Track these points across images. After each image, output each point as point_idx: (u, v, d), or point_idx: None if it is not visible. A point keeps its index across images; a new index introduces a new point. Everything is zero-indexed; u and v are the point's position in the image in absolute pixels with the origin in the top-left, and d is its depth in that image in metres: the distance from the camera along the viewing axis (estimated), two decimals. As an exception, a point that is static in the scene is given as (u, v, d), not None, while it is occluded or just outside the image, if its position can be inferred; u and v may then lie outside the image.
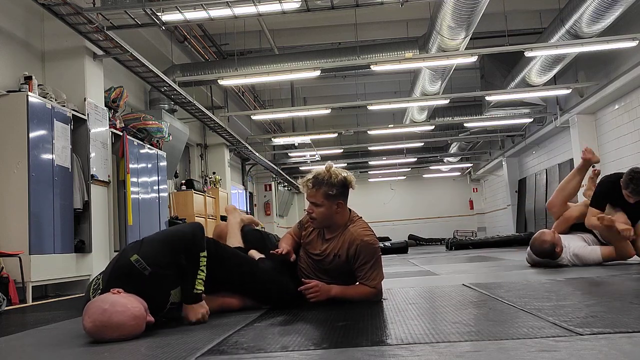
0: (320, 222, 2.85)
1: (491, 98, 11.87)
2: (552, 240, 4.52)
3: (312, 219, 2.85)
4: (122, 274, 2.31)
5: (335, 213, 2.83)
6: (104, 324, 2.12)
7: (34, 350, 2.18)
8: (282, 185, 19.43)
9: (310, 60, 9.09)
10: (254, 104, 13.13)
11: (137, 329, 2.18)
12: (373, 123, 15.50)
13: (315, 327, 2.21)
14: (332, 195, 2.79)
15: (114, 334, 2.13)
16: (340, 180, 2.81)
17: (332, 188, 2.79)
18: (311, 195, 2.82)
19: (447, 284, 3.80)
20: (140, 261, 2.31)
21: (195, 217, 9.65)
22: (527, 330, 1.81)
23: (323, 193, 2.78)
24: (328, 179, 2.79)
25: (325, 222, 2.85)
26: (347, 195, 2.87)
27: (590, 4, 7.12)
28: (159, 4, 6.17)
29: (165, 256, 2.38)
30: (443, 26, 7.48)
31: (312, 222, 2.88)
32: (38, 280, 5.05)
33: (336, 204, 2.81)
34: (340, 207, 2.84)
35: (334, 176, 2.80)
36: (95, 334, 2.14)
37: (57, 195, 5.46)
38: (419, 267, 6.03)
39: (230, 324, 2.37)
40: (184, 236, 2.48)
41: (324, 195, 2.79)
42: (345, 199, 2.86)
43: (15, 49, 5.96)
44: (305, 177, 2.86)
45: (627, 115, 10.36)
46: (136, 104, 9.00)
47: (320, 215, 2.81)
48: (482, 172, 20.93)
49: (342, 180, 2.81)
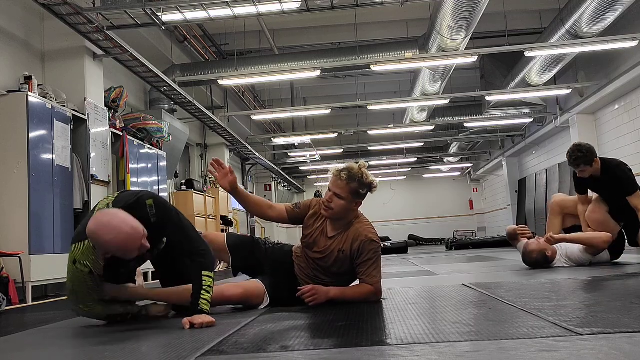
0: (336, 214, 2.87)
1: (491, 98, 11.87)
2: (538, 249, 4.48)
3: (328, 208, 2.87)
4: (130, 207, 2.44)
5: (352, 210, 2.90)
6: (104, 224, 2.30)
7: (34, 350, 2.18)
8: (282, 185, 19.43)
9: (310, 60, 9.09)
10: (254, 104, 13.12)
11: (131, 240, 2.32)
12: (373, 123, 15.50)
13: (315, 327, 2.21)
14: (360, 193, 2.85)
15: (109, 236, 2.28)
16: (369, 182, 2.87)
17: (362, 187, 2.85)
18: (339, 186, 2.84)
19: (447, 284, 3.79)
20: (153, 208, 2.46)
21: (195, 217, 9.64)
22: (527, 330, 1.80)
23: (351, 188, 2.82)
24: (360, 178, 2.83)
25: (341, 215, 2.88)
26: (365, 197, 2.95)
27: (590, 4, 7.12)
28: (159, 4, 6.17)
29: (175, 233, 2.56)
30: (443, 26, 7.48)
31: (327, 211, 2.89)
32: (38, 280, 5.05)
33: (356, 202, 2.88)
34: (357, 206, 2.92)
35: (365, 177, 2.86)
36: (94, 234, 2.31)
37: (57, 195, 5.46)
38: (419, 267, 6.03)
39: (230, 324, 2.37)
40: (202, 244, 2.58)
41: (351, 191, 2.83)
42: (363, 200, 2.93)
43: (15, 49, 5.96)
44: (337, 168, 2.90)
45: (627, 115, 10.36)
46: (136, 104, 9.00)
47: (339, 207, 2.84)
48: (482, 172, 20.92)
49: (370, 183, 2.88)
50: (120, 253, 2.37)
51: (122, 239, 2.30)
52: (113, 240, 2.29)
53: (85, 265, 2.45)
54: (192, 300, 2.44)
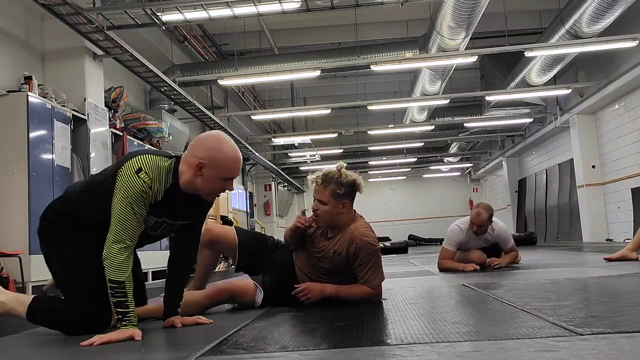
0: (325, 221, 2.85)
1: (491, 98, 11.87)
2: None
3: (316, 216, 2.86)
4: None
5: (340, 213, 2.83)
6: (226, 139, 2.26)
7: (33, 350, 2.18)
8: (282, 185, 19.42)
9: (310, 60, 9.09)
10: (254, 104, 13.13)
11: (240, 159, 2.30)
12: (373, 123, 15.50)
13: (315, 327, 2.21)
14: (339, 194, 2.79)
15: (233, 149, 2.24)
16: (349, 181, 2.82)
17: (340, 187, 2.80)
18: (318, 192, 2.82)
19: (447, 284, 3.79)
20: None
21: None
22: (527, 330, 1.80)
23: (330, 191, 2.79)
24: (337, 178, 2.80)
25: (329, 221, 2.85)
26: (353, 196, 2.88)
27: (590, 4, 7.12)
28: (159, 4, 6.18)
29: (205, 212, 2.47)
30: (443, 26, 7.48)
31: (316, 220, 2.88)
32: (38, 280, 5.05)
33: (342, 203, 2.81)
34: (346, 207, 2.84)
35: (344, 176, 2.81)
36: (220, 144, 2.22)
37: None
38: (419, 267, 6.03)
39: (230, 324, 2.37)
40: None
41: (331, 194, 2.79)
42: (351, 200, 2.87)
43: (15, 49, 5.96)
44: (315, 173, 2.88)
45: (627, 115, 10.36)
46: (136, 104, 9.00)
47: (325, 213, 2.81)
48: (482, 172, 20.92)
49: (351, 182, 2.83)
50: (236, 171, 2.25)
51: (230, 149, 2.22)
52: (236, 153, 2.23)
53: (151, 179, 2.17)
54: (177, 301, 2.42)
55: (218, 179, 2.22)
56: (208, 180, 2.21)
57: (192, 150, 2.26)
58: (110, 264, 2.13)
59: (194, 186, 2.23)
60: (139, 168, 2.18)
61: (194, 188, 2.24)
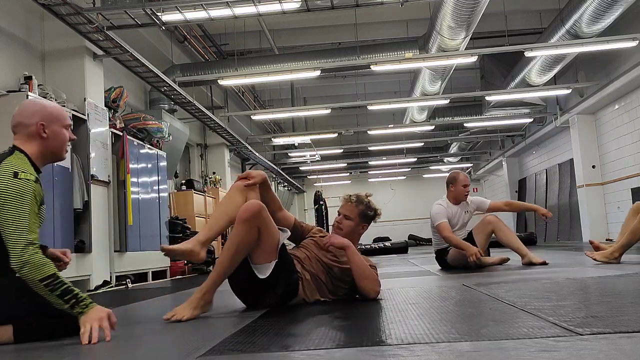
0: (345, 235, 3.07)
1: (491, 98, 11.87)
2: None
3: (339, 229, 3.11)
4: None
5: (359, 233, 3.14)
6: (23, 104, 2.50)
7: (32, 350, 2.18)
8: (282, 185, 19.42)
9: (310, 60, 9.09)
10: (254, 104, 13.13)
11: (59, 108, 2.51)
12: (373, 123, 15.51)
13: (315, 327, 2.21)
14: (365, 216, 3.10)
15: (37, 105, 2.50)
16: (374, 208, 3.15)
17: (368, 209, 3.13)
18: (348, 209, 3.11)
19: (447, 284, 3.80)
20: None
21: (195, 217, 9.65)
22: (527, 330, 1.80)
23: (360, 211, 3.10)
24: (367, 203, 3.13)
25: (349, 235, 3.06)
26: (369, 224, 3.18)
27: (590, 4, 7.12)
28: (159, 4, 6.18)
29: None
30: (443, 26, 7.49)
31: (337, 232, 3.12)
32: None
33: (362, 225, 3.12)
34: (363, 229, 3.16)
35: (372, 204, 3.16)
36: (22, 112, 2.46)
37: (57, 195, 5.46)
38: (419, 267, 6.03)
39: (230, 324, 2.37)
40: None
41: (359, 213, 3.10)
42: (368, 226, 3.17)
43: (15, 49, 5.96)
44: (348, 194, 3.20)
45: (627, 115, 10.37)
46: (136, 104, 9.01)
47: (348, 227, 3.08)
48: (482, 172, 20.92)
49: (375, 210, 3.16)
50: (61, 117, 2.39)
51: (51, 104, 2.32)
52: (44, 106, 2.37)
53: (30, 174, 2.23)
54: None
55: (62, 129, 2.40)
56: (55, 135, 2.37)
57: (22, 126, 2.37)
58: (33, 265, 2.07)
59: (47, 151, 2.38)
60: (14, 172, 2.20)
61: (47, 153, 2.39)
